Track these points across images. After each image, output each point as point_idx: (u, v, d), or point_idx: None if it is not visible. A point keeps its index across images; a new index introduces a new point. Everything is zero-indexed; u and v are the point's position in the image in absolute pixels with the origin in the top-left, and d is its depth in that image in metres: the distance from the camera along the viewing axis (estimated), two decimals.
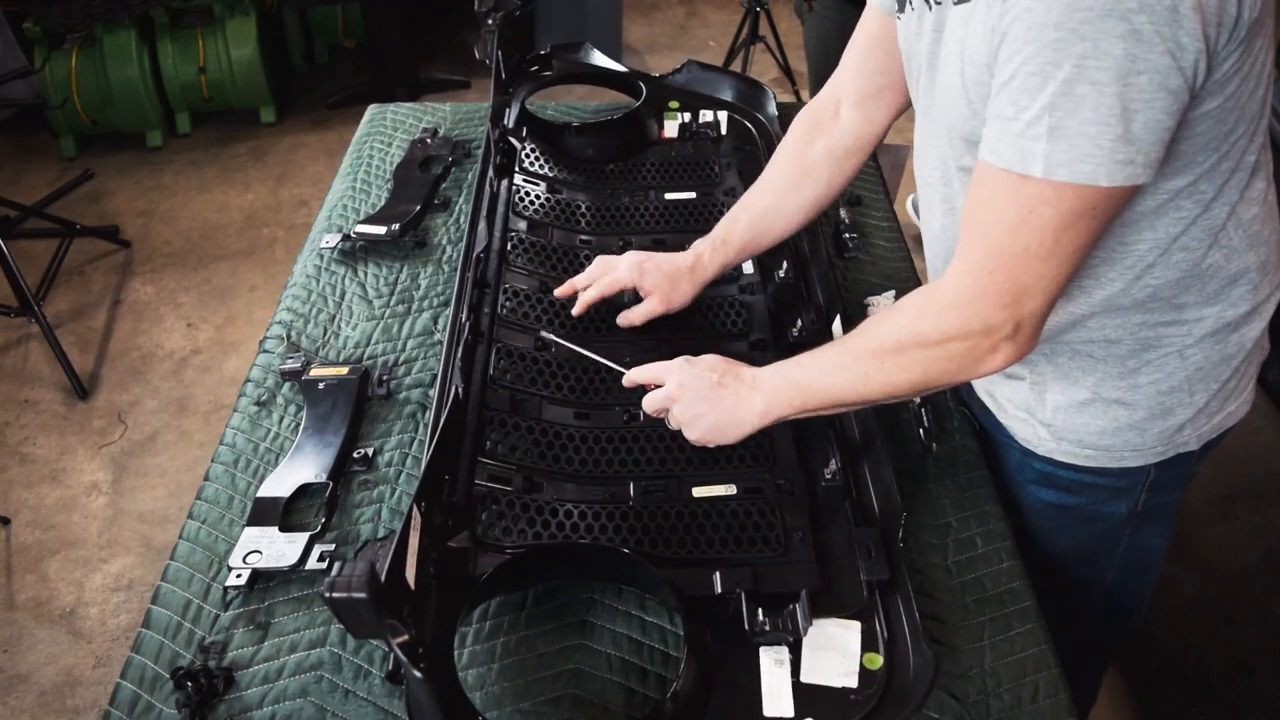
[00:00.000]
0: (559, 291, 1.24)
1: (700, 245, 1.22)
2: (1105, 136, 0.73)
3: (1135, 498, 1.07)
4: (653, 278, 1.20)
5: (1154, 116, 0.73)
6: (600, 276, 1.22)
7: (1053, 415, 1.03)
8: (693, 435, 1.03)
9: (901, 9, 0.97)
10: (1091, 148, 0.73)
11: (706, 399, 1.01)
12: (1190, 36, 0.70)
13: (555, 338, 1.20)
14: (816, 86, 2.48)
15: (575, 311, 1.22)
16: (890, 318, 0.92)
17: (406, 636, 0.77)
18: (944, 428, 1.19)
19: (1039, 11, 0.72)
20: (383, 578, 0.75)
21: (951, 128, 0.91)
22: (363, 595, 0.72)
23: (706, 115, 1.65)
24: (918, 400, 1.19)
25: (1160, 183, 0.83)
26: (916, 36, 0.94)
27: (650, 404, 1.06)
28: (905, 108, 1.15)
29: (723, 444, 1.04)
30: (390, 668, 0.93)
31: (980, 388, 1.15)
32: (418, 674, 0.75)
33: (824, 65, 2.41)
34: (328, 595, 0.72)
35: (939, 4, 0.88)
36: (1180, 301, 0.93)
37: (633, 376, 1.09)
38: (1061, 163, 0.75)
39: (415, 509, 0.87)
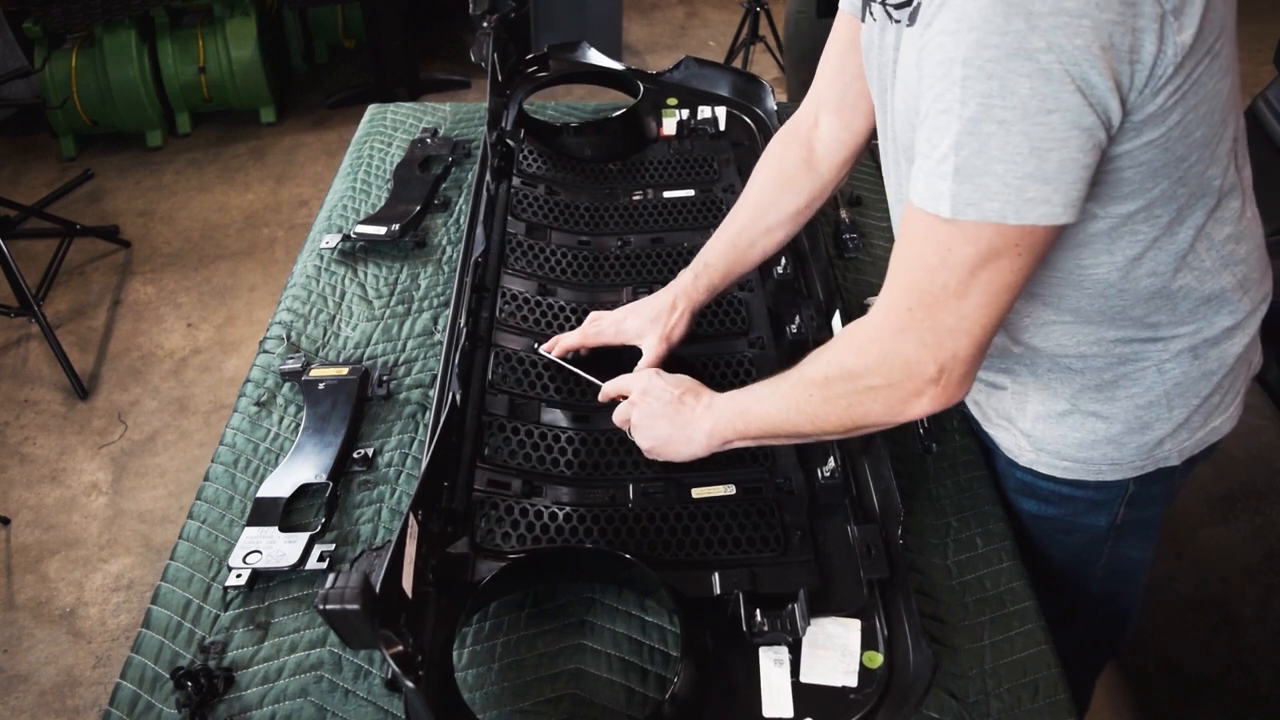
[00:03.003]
0: (543, 348, 1.20)
1: (684, 275, 1.20)
2: (1013, 175, 0.71)
3: (1114, 511, 1.06)
4: (637, 326, 1.17)
5: (1069, 155, 0.71)
6: (585, 330, 1.19)
7: (1033, 425, 1.02)
8: (644, 443, 1.04)
9: (863, 17, 0.96)
10: (999, 186, 0.72)
11: (665, 412, 1.02)
12: (1100, 75, 0.69)
13: (544, 353, 1.20)
14: (790, 76, 2.44)
15: (555, 355, 1.19)
16: (825, 350, 0.92)
17: (401, 647, 0.76)
18: (944, 428, 1.19)
19: (949, 48, 0.71)
20: (377, 588, 0.75)
21: (905, 149, 0.90)
22: (355, 607, 0.72)
23: (705, 112, 1.65)
24: None
25: (1109, 207, 0.82)
26: (879, 49, 0.93)
27: (617, 415, 1.07)
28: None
29: (671, 459, 1.04)
30: (388, 675, 0.93)
31: (968, 395, 1.14)
32: (411, 684, 0.75)
33: (795, 57, 2.40)
34: (321, 607, 0.72)
35: (898, 22, 0.86)
36: (1152, 321, 0.92)
37: (605, 390, 1.11)
38: (969, 202, 0.73)
39: (412, 517, 0.87)
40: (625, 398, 1.08)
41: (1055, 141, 0.70)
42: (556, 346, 1.19)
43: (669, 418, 1.02)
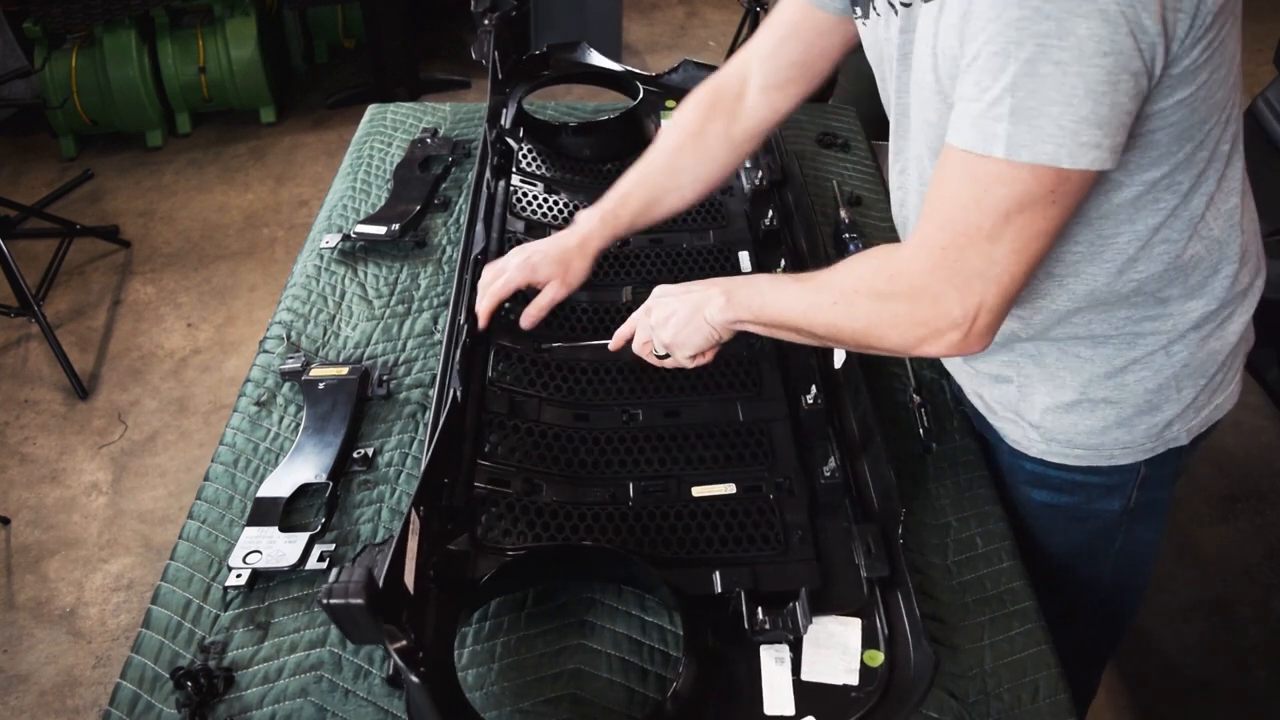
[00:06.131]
0: (482, 323, 1.20)
1: (589, 217, 1.21)
2: (1068, 117, 0.72)
3: (1127, 495, 1.07)
4: (545, 269, 1.19)
5: (1118, 99, 0.72)
6: (490, 284, 1.19)
7: (1041, 417, 1.03)
8: (666, 335, 1.05)
9: (866, 14, 0.96)
10: (1054, 128, 0.73)
11: (678, 299, 1.05)
12: (1151, 19, 0.70)
13: (553, 344, 1.21)
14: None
15: (481, 325, 1.19)
16: (858, 262, 0.92)
17: (404, 642, 0.76)
18: (944, 428, 1.19)
19: None
20: (380, 583, 0.75)
21: (928, 126, 0.90)
22: (360, 602, 0.72)
23: None
24: (918, 400, 1.18)
25: (1136, 174, 0.83)
26: (885, 41, 0.93)
27: (639, 335, 1.10)
28: (809, 96, 1.18)
29: (696, 347, 1.05)
30: (390, 671, 0.93)
31: (969, 389, 1.14)
32: (415, 679, 0.75)
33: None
34: (325, 602, 0.72)
35: (907, 5, 0.87)
36: (1164, 295, 0.93)
37: (618, 333, 1.13)
38: (1024, 143, 0.74)
39: (414, 513, 0.87)
40: (636, 332, 1.10)
41: (1109, 85, 0.71)
42: (486, 300, 1.19)
43: (683, 300, 1.04)
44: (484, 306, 1.19)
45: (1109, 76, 0.71)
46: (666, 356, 1.09)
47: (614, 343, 1.15)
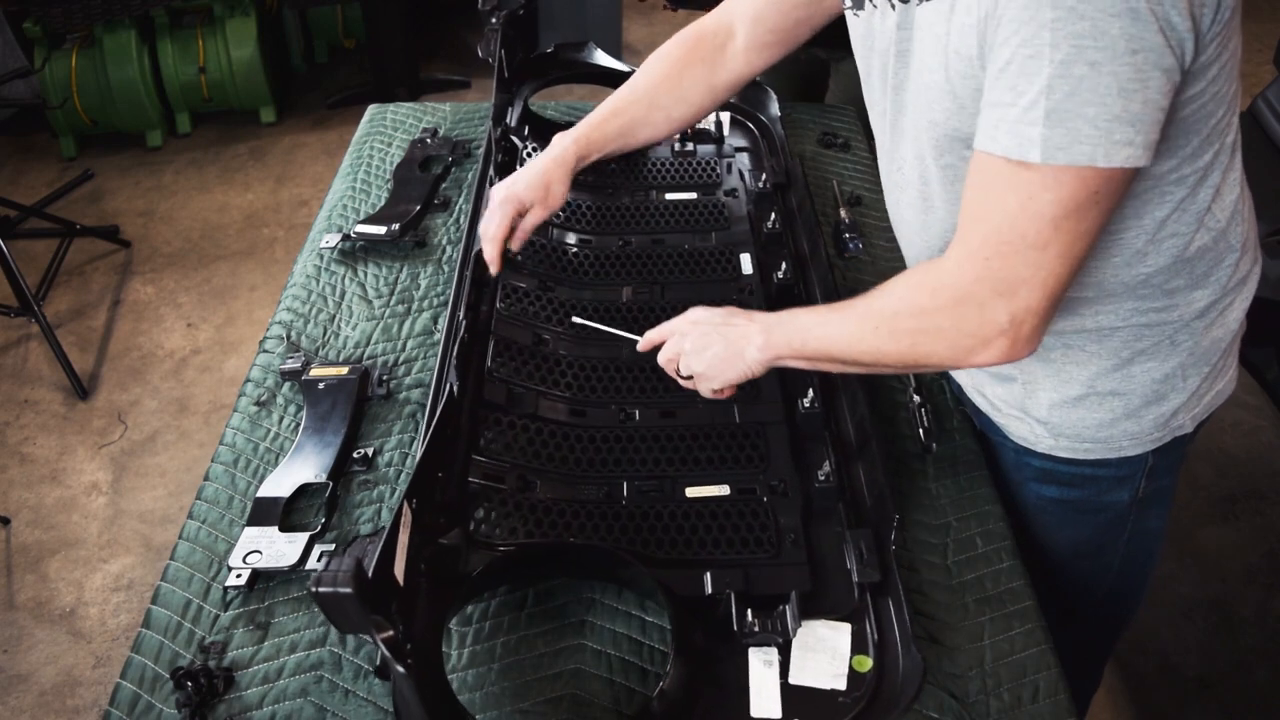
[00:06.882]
0: (494, 269, 1.24)
1: (564, 138, 1.27)
2: (1102, 117, 0.72)
3: (1136, 485, 1.08)
4: (527, 194, 1.23)
5: (1150, 96, 0.72)
6: (486, 230, 1.23)
7: (1048, 413, 1.03)
8: (697, 367, 1.03)
9: (860, 5, 0.96)
10: (1089, 129, 0.73)
11: (715, 331, 1.02)
12: (1180, 15, 0.70)
13: (582, 320, 1.23)
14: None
15: (494, 270, 1.24)
16: (896, 284, 0.92)
17: (391, 632, 0.77)
18: (944, 428, 1.19)
19: None
20: (370, 573, 0.75)
21: (933, 125, 0.90)
22: (348, 590, 0.72)
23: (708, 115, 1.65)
24: (918, 400, 1.18)
25: (1145, 168, 0.83)
26: (880, 35, 0.93)
27: (666, 352, 1.07)
28: (787, 55, 1.25)
29: (725, 382, 1.03)
30: (378, 662, 0.93)
31: (971, 387, 1.14)
32: (401, 669, 0.75)
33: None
34: (314, 590, 0.72)
35: (905, 1, 0.87)
36: (1171, 286, 0.93)
37: (648, 336, 1.11)
38: (1059, 146, 0.74)
39: (406, 505, 0.87)
40: (663, 348, 1.09)
41: (1139, 82, 0.71)
42: (490, 247, 1.22)
43: (721, 334, 1.02)
44: (490, 253, 1.22)
45: (1138, 74, 0.71)
46: (689, 378, 1.07)
47: (643, 343, 1.12)
